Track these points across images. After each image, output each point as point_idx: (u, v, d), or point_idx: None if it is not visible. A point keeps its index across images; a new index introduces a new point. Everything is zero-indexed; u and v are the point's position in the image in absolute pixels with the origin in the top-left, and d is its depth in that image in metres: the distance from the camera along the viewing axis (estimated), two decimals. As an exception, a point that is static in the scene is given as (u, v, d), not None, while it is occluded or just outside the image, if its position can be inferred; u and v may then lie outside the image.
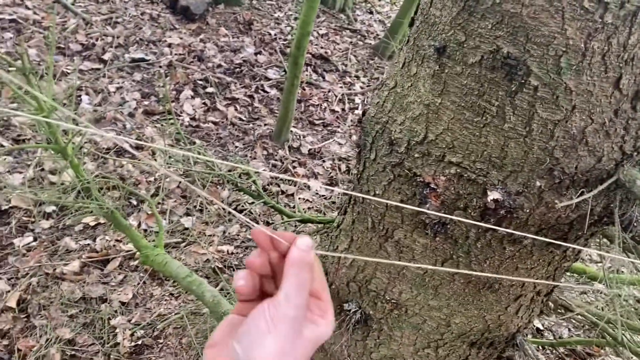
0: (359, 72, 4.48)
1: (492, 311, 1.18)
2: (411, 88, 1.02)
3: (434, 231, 1.07)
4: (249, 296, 0.65)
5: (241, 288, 0.63)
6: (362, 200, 1.18)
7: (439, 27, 0.93)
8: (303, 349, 0.56)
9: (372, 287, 1.24)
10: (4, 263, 2.34)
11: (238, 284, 0.64)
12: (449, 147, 0.96)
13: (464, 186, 0.97)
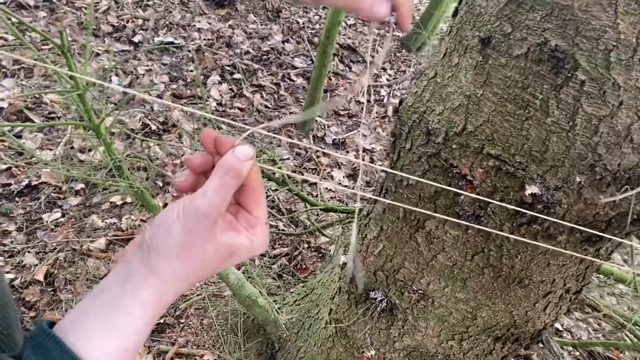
0: (385, 64, 4.46)
1: (520, 306, 1.18)
2: (452, 78, 1.02)
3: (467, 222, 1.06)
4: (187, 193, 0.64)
5: (179, 183, 0.63)
6: (394, 189, 1.18)
7: (484, 17, 0.93)
8: (213, 249, 0.54)
9: (400, 277, 1.25)
10: (33, 237, 2.39)
11: (177, 180, 0.63)
12: (488, 139, 0.96)
13: (501, 179, 0.97)
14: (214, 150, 0.61)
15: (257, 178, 0.59)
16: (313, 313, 1.67)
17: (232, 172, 0.55)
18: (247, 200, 0.60)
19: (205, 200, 0.53)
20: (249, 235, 0.58)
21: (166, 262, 0.53)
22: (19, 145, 2.11)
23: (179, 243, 0.53)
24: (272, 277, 2.37)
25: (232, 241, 0.56)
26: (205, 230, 0.54)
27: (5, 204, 2.48)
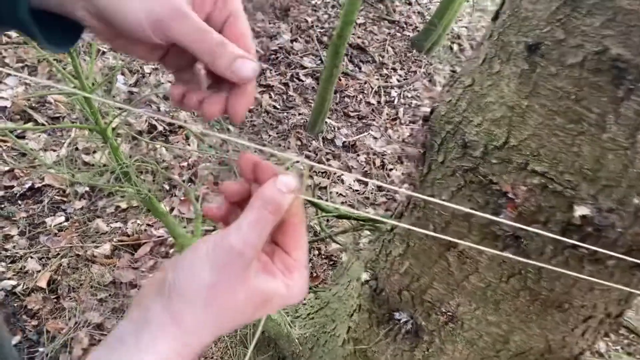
0: (396, 65, 4.37)
1: (557, 331, 1.10)
2: (492, 87, 0.94)
3: (505, 244, 0.99)
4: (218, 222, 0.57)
5: (212, 210, 0.55)
6: (423, 205, 1.10)
7: (532, 22, 0.85)
8: (245, 295, 0.46)
9: (428, 298, 1.17)
10: (36, 242, 2.32)
11: (210, 206, 0.55)
12: (533, 154, 0.88)
13: (547, 198, 0.89)
14: (252, 177, 0.53)
15: (298, 214, 0.51)
16: (329, 329, 1.59)
17: (272, 205, 0.47)
18: (286, 239, 0.52)
19: (240, 237, 0.45)
20: (285, 280, 0.50)
21: (191, 308, 0.45)
22: (22, 147, 2.04)
23: (207, 286, 0.45)
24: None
25: (267, 286, 0.48)
26: (238, 272, 0.45)
27: (8, 207, 2.41)
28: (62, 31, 0.51)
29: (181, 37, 0.46)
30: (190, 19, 0.46)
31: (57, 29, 0.50)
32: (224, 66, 0.48)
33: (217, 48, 0.47)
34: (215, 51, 0.47)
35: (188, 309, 0.45)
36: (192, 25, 0.46)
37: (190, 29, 0.46)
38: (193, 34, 0.46)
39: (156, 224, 2.52)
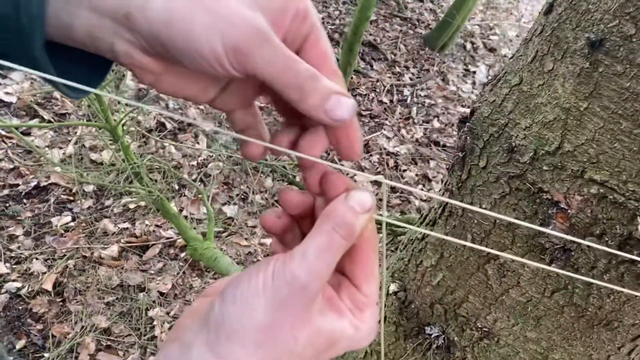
0: (408, 63, 4.29)
1: (602, 350, 1.03)
2: (544, 87, 0.86)
3: (552, 257, 0.91)
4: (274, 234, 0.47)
5: (269, 219, 0.45)
6: (461, 213, 1.02)
7: (594, 15, 0.77)
8: (306, 337, 0.38)
9: (462, 312, 1.09)
10: (42, 242, 2.25)
11: (265, 214, 0.46)
12: (591, 161, 0.80)
13: (605, 209, 0.81)
14: (318, 189, 0.44)
15: (371, 239, 0.42)
16: (348, 339, 1.51)
17: (344, 229, 0.38)
18: (355, 269, 0.43)
19: (305, 266, 0.37)
20: (354, 321, 0.41)
21: (240, 349, 0.36)
22: (29, 145, 1.97)
23: (261, 325, 0.37)
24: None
25: (332, 327, 0.39)
26: (300, 308, 0.37)
27: (13, 206, 2.34)
28: (84, 69, 0.42)
29: (264, 68, 0.37)
30: (276, 45, 0.37)
31: (78, 67, 0.41)
32: (314, 105, 0.38)
33: (307, 83, 0.38)
34: (305, 87, 0.38)
35: (238, 350, 0.36)
36: (278, 53, 0.37)
37: (276, 58, 0.37)
38: (279, 64, 0.37)
39: (165, 225, 2.45)
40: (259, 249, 2.37)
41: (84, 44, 0.38)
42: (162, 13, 0.35)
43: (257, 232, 2.50)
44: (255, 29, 0.36)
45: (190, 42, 0.35)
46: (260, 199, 2.67)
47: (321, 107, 0.38)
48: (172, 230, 2.42)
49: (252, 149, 0.43)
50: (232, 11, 0.36)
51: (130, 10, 0.35)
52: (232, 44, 0.36)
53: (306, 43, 0.41)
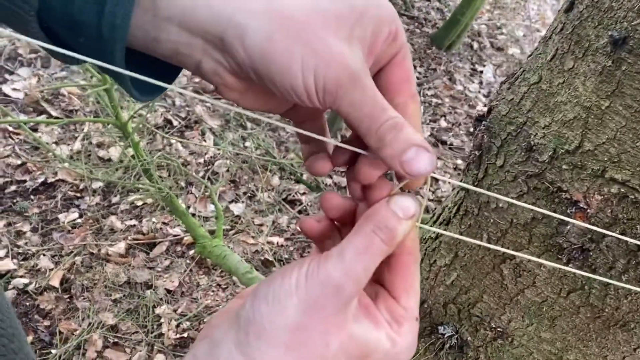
0: (415, 62, 4.27)
1: (618, 351, 1.02)
2: (564, 85, 0.85)
3: (569, 257, 0.90)
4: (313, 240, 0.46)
5: (307, 223, 0.45)
6: (477, 212, 1.02)
7: (617, 13, 0.76)
8: (339, 343, 0.36)
9: (476, 312, 1.08)
10: (49, 239, 2.25)
11: (304, 219, 0.45)
12: (612, 161, 0.79)
13: (626, 209, 0.80)
14: (360, 193, 0.43)
15: (413, 248, 0.41)
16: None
17: (385, 232, 0.37)
18: (395, 280, 0.41)
19: (341, 266, 0.36)
20: (391, 334, 0.38)
21: (271, 349, 0.35)
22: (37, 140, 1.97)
23: (292, 326, 0.35)
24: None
25: (368, 336, 0.37)
26: (334, 311, 0.35)
27: (20, 202, 2.34)
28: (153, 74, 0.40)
29: (349, 111, 0.37)
30: (366, 90, 0.37)
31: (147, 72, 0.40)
32: (390, 155, 0.37)
33: (388, 134, 0.37)
34: (386, 138, 0.37)
35: (267, 351, 0.35)
36: (367, 99, 0.37)
37: (363, 104, 0.37)
38: (365, 110, 0.37)
39: (172, 222, 2.44)
40: (266, 247, 2.36)
41: (167, 56, 0.38)
42: (262, 44, 0.35)
43: (264, 230, 2.50)
44: (348, 71, 0.36)
45: (286, 76, 0.35)
46: (267, 197, 2.67)
47: (398, 159, 0.37)
48: (179, 228, 2.42)
49: (318, 165, 0.43)
50: (330, 49, 0.35)
51: (226, 36, 0.35)
52: (325, 83, 0.36)
53: (392, 62, 0.40)
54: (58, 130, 2.69)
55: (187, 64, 0.38)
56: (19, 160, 2.49)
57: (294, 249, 2.49)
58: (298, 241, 2.52)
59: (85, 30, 0.34)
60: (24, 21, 0.34)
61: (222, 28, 0.35)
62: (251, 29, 0.34)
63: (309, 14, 0.35)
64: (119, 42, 0.35)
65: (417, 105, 0.41)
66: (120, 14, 0.34)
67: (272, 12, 0.35)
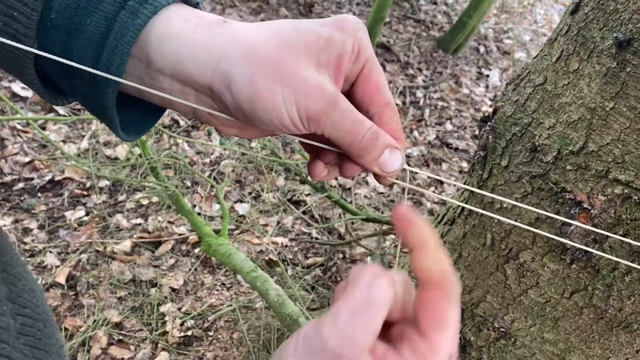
0: (421, 65, 4.28)
1: (620, 353, 1.02)
2: (568, 87, 0.85)
3: (573, 257, 0.90)
4: None
5: None
6: (481, 212, 1.02)
7: (622, 15, 0.76)
8: None
9: (480, 312, 1.09)
10: (55, 236, 2.26)
11: None
12: (616, 161, 0.80)
13: (629, 210, 0.81)
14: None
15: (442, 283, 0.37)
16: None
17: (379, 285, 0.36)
18: (423, 312, 0.37)
19: (335, 332, 0.34)
20: None
21: None
22: (45, 138, 1.98)
23: None
24: (305, 289, 2.22)
25: None
26: None
27: (27, 200, 2.36)
28: (139, 112, 0.45)
29: (334, 130, 0.40)
30: (346, 110, 0.40)
31: (134, 111, 0.44)
32: (370, 160, 0.42)
33: (369, 142, 0.41)
34: (367, 146, 0.41)
35: None
36: (345, 118, 0.40)
37: (343, 122, 0.40)
38: (346, 127, 0.40)
39: (177, 221, 2.46)
40: (270, 247, 2.37)
41: (161, 103, 0.42)
42: (245, 88, 0.38)
43: (269, 230, 2.51)
44: (325, 98, 0.39)
45: (272, 113, 0.39)
46: (272, 197, 2.68)
47: (376, 163, 0.42)
48: (184, 227, 2.43)
49: (315, 169, 0.46)
50: (306, 81, 0.38)
51: (214, 85, 0.39)
52: (307, 112, 0.39)
53: (361, 75, 0.43)
54: (65, 129, 2.71)
55: (181, 109, 0.42)
56: (27, 158, 2.51)
57: (299, 249, 2.50)
58: (302, 241, 2.53)
59: (80, 73, 0.37)
60: (21, 64, 0.37)
61: (209, 79, 0.38)
62: (234, 76, 0.38)
63: (281, 52, 0.38)
64: (112, 85, 0.38)
65: (391, 111, 0.44)
66: (115, 62, 0.37)
67: (250, 56, 0.38)
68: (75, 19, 0.37)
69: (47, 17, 0.37)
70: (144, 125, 0.46)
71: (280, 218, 2.61)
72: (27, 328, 0.40)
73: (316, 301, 2.16)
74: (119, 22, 0.36)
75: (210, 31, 0.39)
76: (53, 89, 0.41)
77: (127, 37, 0.36)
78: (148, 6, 0.37)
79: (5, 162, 2.48)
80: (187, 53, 0.38)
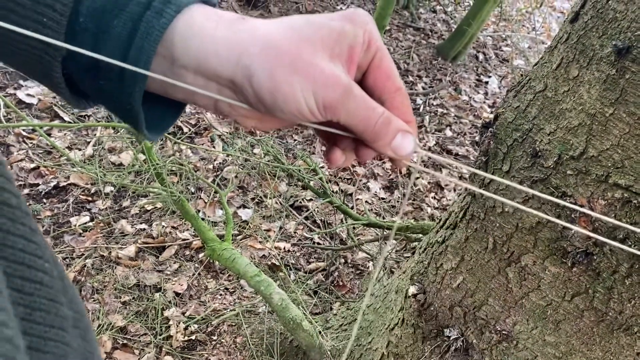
0: (421, 72, 4.31)
1: (621, 355, 1.03)
2: (569, 93, 0.88)
3: (574, 260, 0.92)
4: None
5: None
6: (483, 216, 1.04)
7: (621, 24, 0.79)
8: None
9: (482, 315, 1.10)
10: (60, 241, 2.28)
11: None
12: (616, 166, 0.82)
13: (629, 214, 0.83)
14: None
15: None
16: (364, 342, 1.53)
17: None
18: None
19: None
20: None
21: None
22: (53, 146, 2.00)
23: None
24: (307, 294, 2.24)
25: None
26: None
27: (33, 205, 2.38)
28: (160, 110, 0.47)
29: (349, 117, 0.43)
30: (358, 98, 0.43)
31: (156, 108, 0.46)
32: (383, 145, 0.45)
33: (381, 127, 0.44)
34: (380, 131, 0.44)
35: None
36: (360, 105, 0.43)
37: (358, 109, 0.43)
38: (360, 114, 0.43)
39: (181, 227, 2.48)
40: (273, 252, 2.39)
41: (184, 99, 0.44)
42: (266, 80, 0.40)
43: (272, 235, 2.53)
44: (341, 87, 0.42)
45: (292, 103, 0.41)
46: (275, 203, 2.70)
47: (389, 147, 0.45)
48: (188, 232, 2.45)
49: (335, 155, 0.49)
50: (323, 73, 0.41)
51: (236, 79, 0.41)
52: (324, 102, 0.41)
53: (372, 64, 0.46)
54: (70, 136, 2.74)
55: (204, 104, 0.44)
56: (32, 164, 2.53)
57: (301, 254, 2.52)
58: (304, 247, 2.55)
59: (108, 73, 0.40)
60: (49, 68, 0.39)
61: (231, 72, 0.41)
62: (255, 69, 0.40)
63: (298, 45, 0.41)
64: (139, 82, 0.40)
65: (402, 96, 0.47)
66: (142, 60, 0.39)
67: (269, 50, 0.40)
68: (103, 21, 0.39)
69: (75, 21, 0.39)
70: (165, 124, 0.48)
71: (282, 223, 2.63)
72: (78, 321, 0.43)
73: (318, 305, 2.17)
74: (144, 22, 0.39)
75: (230, 28, 0.41)
76: (78, 93, 0.44)
77: (153, 35, 0.39)
78: (172, 6, 0.39)
79: (10, 169, 2.50)
80: (210, 49, 0.40)
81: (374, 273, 2.19)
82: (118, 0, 0.39)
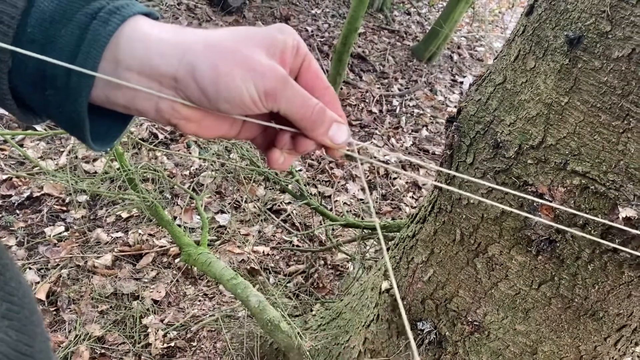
0: (397, 74, 4.35)
1: (589, 341, 1.05)
2: (526, 84, 0.90)
3: (538, 249, 0.94)
4: None
5: None
6: (450, 209, 1.06)
7: (572, 14, 0.81)
8: None
9: (453, 307, 1.12)
10: (35, 252, 2.25)
11: None
12: (573, 154, 0.83)
13: (587, 200, 0.85)
14: None
15: None
16: (342, 340, 1.53)
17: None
18: None
19: None
20: None
21: None
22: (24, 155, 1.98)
23: None
24: (287, 297, 2.23)
25: None
26: None
27: (6, 217, 2.35)
28: (106, 122, 0.48)
29: (286, 106, 0.46)
30: (295, 87, 0.47)
31: (101, 120, 0.47)
32: (321, 133, 0.49)
33: (318, 116, 0.48)
34: (317, 119, 0.48)
35: None
36: (297, 93, 0.47)
37: (295, 97, 0.47)
38: (298, 102, 0.47)
39: (158, 234, 2.46)
40: (252, 256, 2.38)
41: (126, 103, 0.45)
42: (209, 72, 0.43)
43: (250, 239, 2.52)
44: (278, 76, 0.45)
45: (233, 93, 0.44)
46: (252, 207, 2.70)
47: (326, 135, 0.49)
48: (165, 239, 2.43)
49: (273, 156, 0.52)
50: (261, 63, 0.44)
51: (178, 75, 0.43)
52: (265, 90, 0.44)
53: (302, 67, 0.50)
54: (43, 145, 2.71)
55: (145, 108, 0.45)
56: (4, 175, 2.50)
57: (280, 257, 2.51)
58: (283, 249, 2.55)
59: (54, 82, 0.41)
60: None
61: (174, 69, 0.43)
62: (198, 64, 0.43)
63: (238, 42, 0.44)
64: (84, 88, 0.42)
65: (331, 94, 0.51)
66: (89, 66, 0.41)
67: (211, 47, 0.43)
68: (51, 32, 0.40)
69: (22, 33, 0.40)
70: (111, 136, 0.50)
71: (261, 227, 2.63)
72: (12, 313, 0.43)
73: (299, 308, 2.17)
74: (91, 30, 0.41)
75: (174, 32, 0.44)
76: (24, 107, 0.44)
77: (100, 42, 0.41)
78: (117, 16, 0.42)
79: (-18, 180, 2.46)
80: (155, 49, 0.43)
81: (353, 273, 2.20)
82: (66, 12, 0.40)
